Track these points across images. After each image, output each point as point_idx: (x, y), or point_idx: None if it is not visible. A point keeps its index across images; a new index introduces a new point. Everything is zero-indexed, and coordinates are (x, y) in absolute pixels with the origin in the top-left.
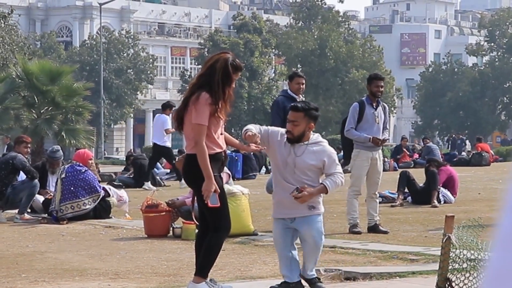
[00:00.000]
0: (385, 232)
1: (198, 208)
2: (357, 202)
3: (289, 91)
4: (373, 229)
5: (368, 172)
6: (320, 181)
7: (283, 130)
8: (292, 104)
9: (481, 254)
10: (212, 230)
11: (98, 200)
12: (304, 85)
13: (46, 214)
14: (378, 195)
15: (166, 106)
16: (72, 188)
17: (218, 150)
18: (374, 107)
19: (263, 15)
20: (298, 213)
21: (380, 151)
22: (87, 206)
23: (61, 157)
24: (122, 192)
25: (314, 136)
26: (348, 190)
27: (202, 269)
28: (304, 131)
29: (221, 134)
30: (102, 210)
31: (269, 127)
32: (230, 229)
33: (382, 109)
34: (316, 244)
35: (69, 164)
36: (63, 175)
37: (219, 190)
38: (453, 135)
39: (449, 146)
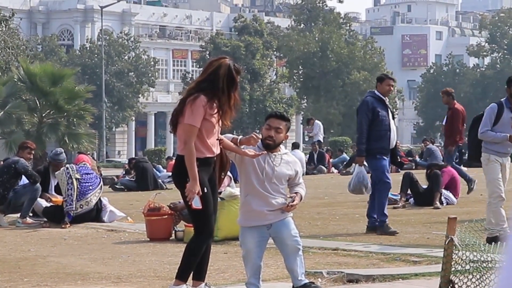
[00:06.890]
0: None
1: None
2: (503, 211)
3: (377, 92)
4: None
5: None
6: (295, 190)
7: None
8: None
9: (483, 256)
10: (195, 234)
11: (100, 195)
12: (394, 87)
13: (46, 219)
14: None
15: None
16: (90, 186)
17: (208, 155)
18: None
19: (264, 18)
20: (274, 219)
21: (509, 157)
22: (93, 201)
23: (64, 160)
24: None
25: (282, 147)
26: (488, 200)
27: (182, 272)
28: (282, 140)
29: (217, 140)
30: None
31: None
32: (212, 234)
33: None
34: (298, 244)
35: (78, 165)
36: (77, 175)
37: (201, 193)
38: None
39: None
